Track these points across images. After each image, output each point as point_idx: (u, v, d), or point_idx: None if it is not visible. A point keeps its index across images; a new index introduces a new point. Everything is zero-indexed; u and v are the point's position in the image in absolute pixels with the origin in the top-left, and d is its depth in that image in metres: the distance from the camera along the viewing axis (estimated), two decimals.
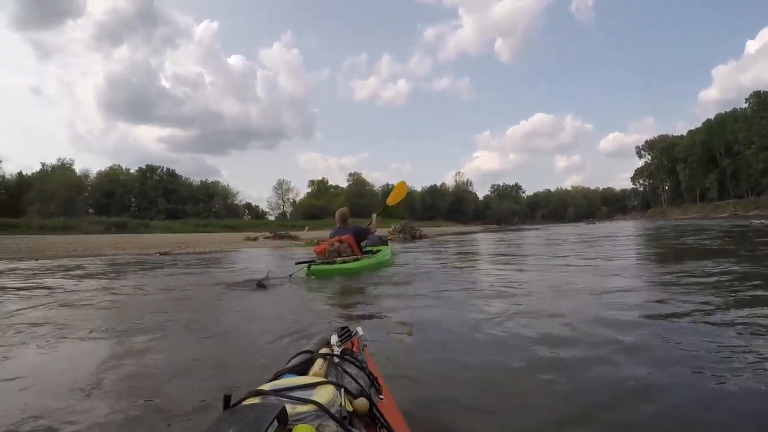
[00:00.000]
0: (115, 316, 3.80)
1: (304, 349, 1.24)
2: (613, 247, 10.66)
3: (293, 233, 24.82)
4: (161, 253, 14.51)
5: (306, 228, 44.60)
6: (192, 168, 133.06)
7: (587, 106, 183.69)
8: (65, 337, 2.86)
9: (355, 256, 6.60)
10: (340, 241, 6.70)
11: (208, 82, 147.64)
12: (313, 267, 5.98)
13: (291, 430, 0.74)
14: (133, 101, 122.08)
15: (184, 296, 4.62)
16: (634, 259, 7.70)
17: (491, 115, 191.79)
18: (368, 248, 7.67)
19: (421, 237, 22.95)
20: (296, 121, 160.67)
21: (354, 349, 1.36)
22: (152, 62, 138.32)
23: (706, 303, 3.20)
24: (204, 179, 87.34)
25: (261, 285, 4.85)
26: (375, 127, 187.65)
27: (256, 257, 12.32)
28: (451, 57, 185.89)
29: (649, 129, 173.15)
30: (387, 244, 8.66)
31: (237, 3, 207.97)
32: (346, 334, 1.37)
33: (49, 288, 5.52)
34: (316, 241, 19.37)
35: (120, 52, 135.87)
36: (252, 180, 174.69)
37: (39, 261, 11.61)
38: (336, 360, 1.13)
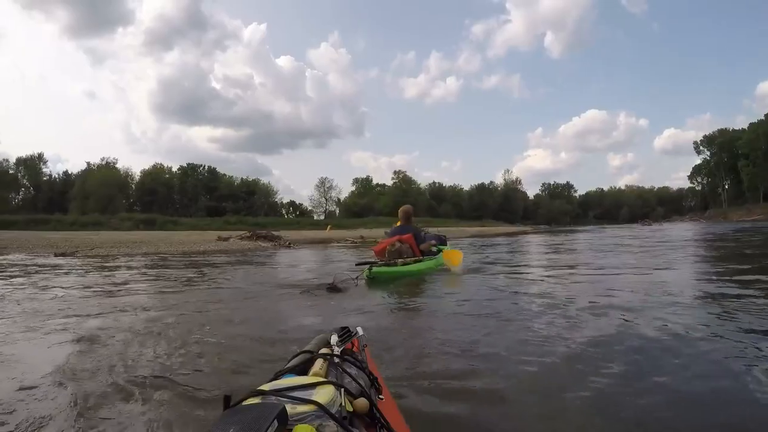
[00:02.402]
0: None
1: (304, 349, 1.28)
2: (694, 259, 8.41)
3: (276, 233, 22.00)
4: (58, 254, 12.47)
5: (328, 227, 44.22)
6: (244, 167, 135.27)
7: (641, 101, 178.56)
8: None
9: (416, 257, 6.28)
10: (401, 241, 6.38)
11: (257, 83, 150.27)
12: (374, 269, 5.64)
13: (291, 430, 0.76)
14: (186, 103, 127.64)
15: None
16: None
17: (543, 112, 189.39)
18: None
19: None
20: (346, 120, 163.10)
21: (354, 349, 1.39)
22: (203, 65, 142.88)
23: None
24: (245, 177, 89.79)
25: (333, 288, 4.81)
26: (425, 126, 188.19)
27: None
28: (501, 53, 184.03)
29: (706, 125, 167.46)
30: (445, 244, 8.10)
31: (283, 5, 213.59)
32: (346, 334, 1.40)
33: None
34: (288, 244, 18.71)
35: (171, 56, 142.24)
36: (303, 178, 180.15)
37: None
38: (336, 360, 1.15)
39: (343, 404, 0.89)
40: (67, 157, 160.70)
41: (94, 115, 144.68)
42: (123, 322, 3.48)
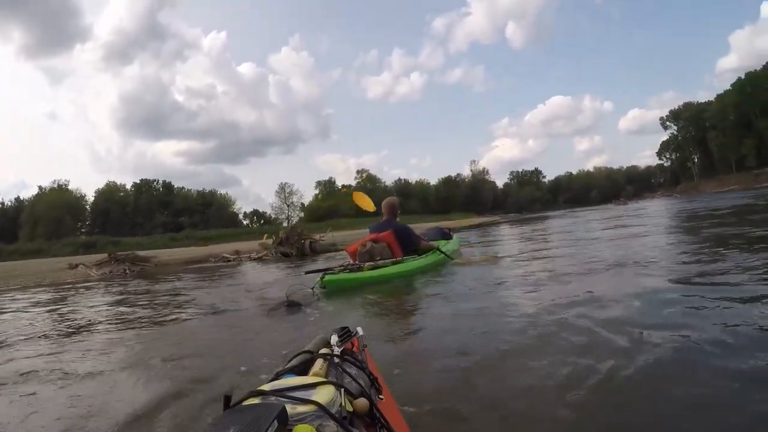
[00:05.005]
0: None
1: (304, 349, 1.30)
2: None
3: (142, 254, 18.08)
4: None
5: (264, 236, 42.85)
6: (212, 179, 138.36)
7: (604, 85, 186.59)
8: None
9: (393, 259, 5.46)
10: (376, 240, 5.60)
11: (220, 92, 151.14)
12: (327, 276, 4.81)
13: (291, 430, 0.77)
14: (149, 118, 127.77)
15: None
16: None
17: (508, 102, 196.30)
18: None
19: (315, 251, 14.69)
20: (312, 124, 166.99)
21: (354, 349, 1.42)
22: (163, 77, 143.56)
23: None
24: (201, 189, 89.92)
25: (292, 303, 4.22)
26: (392, 124, 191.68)
27: None
28: (463, 46, 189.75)
29: (669, 103, 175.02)
30: (451, 237, 7.29)
31: (242, 11, 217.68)
32: (346, 334, 1.43)
33: None
34: (124, 271, 14.45)
35: (130, 70, 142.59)
36: (272, 186, 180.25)
37: None
38: (336, 360, 1.17)
39: (343, 404, 0.91)
40: (32, 182, 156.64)
41: (57, 136, 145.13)
42: None
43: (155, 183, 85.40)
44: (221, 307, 4.91)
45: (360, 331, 1.50)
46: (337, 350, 1.25)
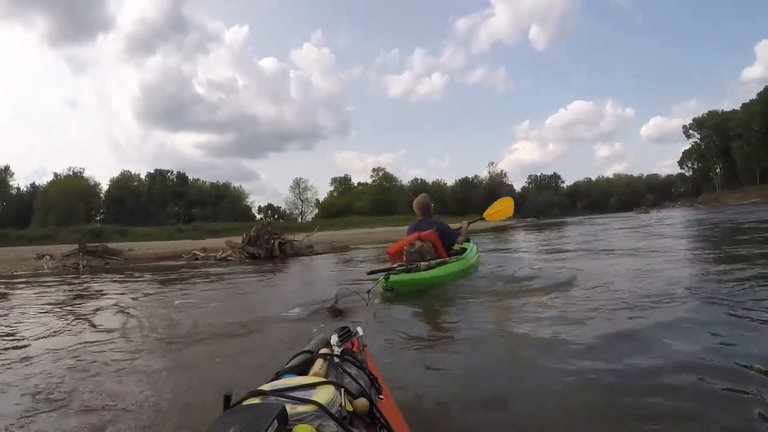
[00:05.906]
0: None
1: (304, 349, 1.30)
2: None
3: (113, 247, 16.73)
4: None
5: (253, 230, 41.49)
6: (231, 172, 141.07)
7: (627, 91, 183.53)
8: None
9: (441, 259, 5.31)
10: (421, 239, 5.47)
11: (241, 85, 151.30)
12: (392, 277, 4.65)
13: (291, 430, 0.78)
14: (169, 109, 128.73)
15: None
16: None
17: (530, 105, 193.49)
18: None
19: (285, 253, 13.91)
20: (332, 121, 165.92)
21: (354, 349, 1.43)
22: (185, 69, 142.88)
23: None
24: (215, 181, 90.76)
25: (335, 310, 3.88)
26: (411, 123, 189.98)
27: None
28: (486, 48, 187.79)
29: (692, 111, 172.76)
30: (468, 240, 6.97)
31: (264, 6, 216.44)
32: (346, 334, 1.43)
33: None
34: (77, 265, 13.56)
35: (153, 61, 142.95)
36: (291, 181, 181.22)
37: None
38: (336, 360, 1.18)
39: (343, 404, 0.92)
40: (52, 168, 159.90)
41: (77, 124, 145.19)
42: None
43: (169, 173, 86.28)
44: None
45: (360, 331, 1.51)
46: (337, 350, 1.25)
